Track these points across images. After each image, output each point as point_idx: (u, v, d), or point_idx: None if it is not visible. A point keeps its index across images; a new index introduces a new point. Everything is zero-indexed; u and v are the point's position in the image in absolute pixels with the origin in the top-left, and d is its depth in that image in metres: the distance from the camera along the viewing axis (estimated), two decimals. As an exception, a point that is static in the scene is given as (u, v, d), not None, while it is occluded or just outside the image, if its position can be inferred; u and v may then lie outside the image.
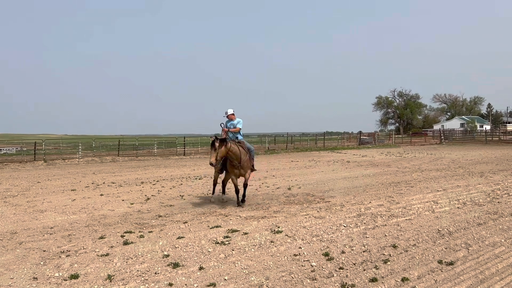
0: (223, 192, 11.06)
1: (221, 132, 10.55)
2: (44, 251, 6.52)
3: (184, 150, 34.77)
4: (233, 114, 10.60)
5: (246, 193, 10.51)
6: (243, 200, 10.26)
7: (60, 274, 5.46)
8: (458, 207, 9.48)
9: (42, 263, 5.93)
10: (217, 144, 9.22)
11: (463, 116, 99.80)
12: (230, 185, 11.17)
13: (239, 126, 10.55)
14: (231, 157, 9.71)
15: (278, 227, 7.75)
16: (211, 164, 9.20)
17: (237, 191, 10.21)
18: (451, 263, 5.71)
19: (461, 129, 78.33)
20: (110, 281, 5.18)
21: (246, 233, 7.36)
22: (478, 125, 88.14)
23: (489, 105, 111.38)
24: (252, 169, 10.62)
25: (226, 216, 8.92)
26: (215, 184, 11.11)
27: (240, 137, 10.61)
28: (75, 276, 5.33)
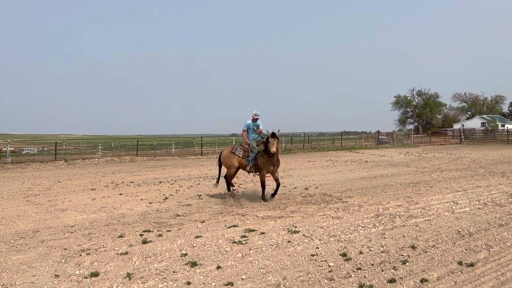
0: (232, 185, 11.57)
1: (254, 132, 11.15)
2: (65, 249, 6.65)
3: (202, 150, 34.97)
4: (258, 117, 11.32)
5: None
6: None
7: (81, 272, 5.56)
8: (478, 208, 9.33)
9: (63, 261, 6.05)
10: (277, 137, 10.26)
11: (484, 115, 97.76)
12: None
13: (261, 127, 11.22)
14: (274, 153, 10.39)
15: (295, 227, 7.74)
16: (273, 153, 10.11)
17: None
18: (471, 265, 5.62)
19: (482, 128, 76.78)
20: (130, 279, 5.26)
21: (263, 233, 7.38)
22: (499, 124, 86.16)
23: (511, 104, 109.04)
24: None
25: (243, 215, 8.95)
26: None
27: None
28: (95, 274, 5.43)
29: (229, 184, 11.50)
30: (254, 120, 11.20)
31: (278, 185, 11.06)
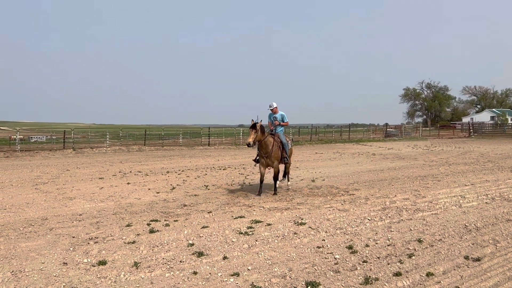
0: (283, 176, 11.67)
1: (267, 123, 11.11)
2: (73, 237, 6.72)
3: (209, 141, 35.04)
4: (276, 108, 11.15)
5: (287, 182, 11.42)
6: (275, 192, 10.58)
7: (89, 260, 5.62)
8: (486, 202, 9.28)
9: (71, 249, 6.12)
10: (258, 127, 9.98)
11: (493, 109, 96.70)
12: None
13: (286, 120, 11.18)
14: (262, 146, 10.31)
15: (302, 219, 7.76)
16: (248, 144, 9.86)
17: (261, 181, 10.64)
18: (478, 259, 5.61)
19: (491, 122, 75.97)
20: (137, 268, 5.31)
21: (269, 224, 7.40)
22: (509, 118, 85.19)
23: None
24: (283, 162, 11.00)
25: (250, 207, 8.98)
26: (262, 180, 10.70)
27: (280, 129, 11.10)
28: (103, 263, 5.48)
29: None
30: (272, 112, 11.16)
31: (274, 179, 10.72)
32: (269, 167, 10.76)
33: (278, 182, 10.88)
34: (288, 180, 11.72)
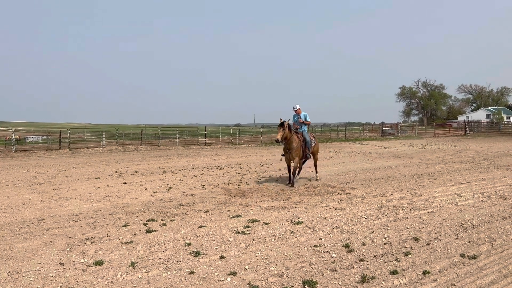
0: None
1: (291, 123, 12.21)
2: (70, 237, 6.70)
3: (205, 140, 35.01)
4: (299, 109, 12.56)
5: (297, 177, 12.20)
6: (292, 183, 11.64)
7: (85, 260, 5.61)
8: (482, 200, 9.32)
9: (68, 249, 6.10)
10: (285, 126, 11.31)
11: (489, 107, 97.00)
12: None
13: (308, 119, 12.60)
14: (287, 142, 11.56)
15: (299, 218, 7.77)
16: (276, 140, 11.13)
17: (289, 171, 11.97)
18: (474, 257, 5.63)
19: (487, 120, 76.05)
20: (134, 268, 5.30)
21: (266, 224, 7.41)
22: (504, 116, 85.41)
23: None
24: (305, 157, 12.35)
25: (247, 206, 8.98)
26: (289, 170, 12.07)
27: (304, 128, 12.46)
28: (99, 263, 5.47)
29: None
30: (296, 112, 12.52)
31: (293, 173, 11.81)
32: (292, 161, 11.81)
33: (296, 176, 12.00)
34: (317, 172, 13.31)
